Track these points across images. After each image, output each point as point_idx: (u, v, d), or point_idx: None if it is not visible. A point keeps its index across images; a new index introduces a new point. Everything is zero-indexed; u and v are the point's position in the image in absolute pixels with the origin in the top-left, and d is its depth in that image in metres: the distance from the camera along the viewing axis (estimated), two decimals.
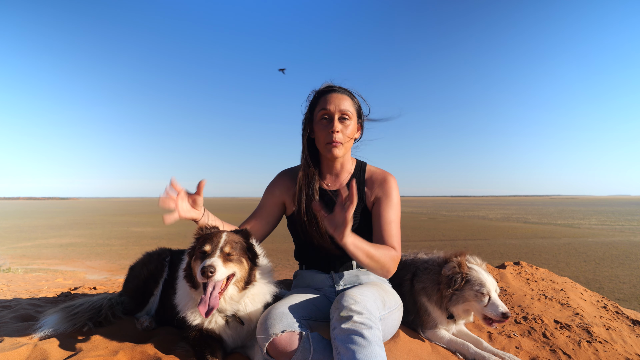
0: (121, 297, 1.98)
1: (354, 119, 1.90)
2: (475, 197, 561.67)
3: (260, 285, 1.66)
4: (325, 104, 1.86)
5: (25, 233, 26.97)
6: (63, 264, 14.75)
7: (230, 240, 1.54)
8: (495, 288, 1.88)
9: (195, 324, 1.57)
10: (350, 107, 1.88)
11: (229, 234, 1.58)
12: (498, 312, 1.79)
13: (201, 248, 1.50)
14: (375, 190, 1.92)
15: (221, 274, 1.42)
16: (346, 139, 1.87)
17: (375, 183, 1.94)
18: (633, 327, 2.62)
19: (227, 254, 1.49)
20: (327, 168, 1.99)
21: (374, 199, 1.92)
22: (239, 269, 1.53)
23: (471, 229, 27.73)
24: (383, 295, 1.69)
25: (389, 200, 1.88)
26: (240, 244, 1.59)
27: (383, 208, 1.86)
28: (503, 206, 79.47)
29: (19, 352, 1.46)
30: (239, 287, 1.55)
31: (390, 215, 1.84)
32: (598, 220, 35.71)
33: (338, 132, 1.83)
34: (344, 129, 1.85)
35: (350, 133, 1.88)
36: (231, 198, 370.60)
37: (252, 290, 1.61)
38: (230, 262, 1.49)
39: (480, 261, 2.07)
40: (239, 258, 1.54)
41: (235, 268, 1.51)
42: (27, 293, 5.32)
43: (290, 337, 1.38)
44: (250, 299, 1.63)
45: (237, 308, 1.58)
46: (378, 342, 1.34)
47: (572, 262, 14.25)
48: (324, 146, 1.86)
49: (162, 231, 27.91)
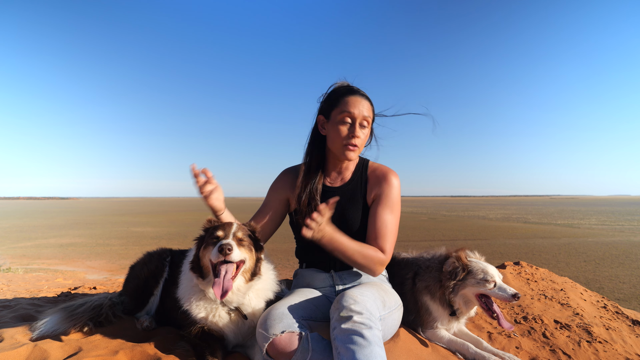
0: (121, 297, 1.98)
1: (370, 124, 1.93)
2: (475, 197, 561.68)
3: (265, 281, 1.69)
4: (348, 106, 1.82)
5: (25, 233, 26.97)
6: (63, 264, 14.75)
7: (243, 228, 1.63)
8: (499, 275, 1.88)
9: (200, 317, 1.57)
10: (370, 115, 1.90)
11: (239, 225, 1.65)
12: (508, 294, 1.80)
13: (213, 234, 1.55)
14: (375, 188, 1.91)
15: (237, 254, 1.47)
16: (362, 143, 1.90)
17: (377, 180, 1.92)
18: (633, 327, 2.62)
19: (240, 239, 1.56)
20: (333, 166, 1.99)
21: (373, 196, 1.90)
22: (249, 256, 1.58)
23: (471, 229, 27.72)
24: (383, 295, 1.69)
25: (388, 200, 1.86)
26: (250, 235, 1.65)
27: (380, 207, 1.84)
28: (503, 206, 79.46)
29: (19, 352, 1.46)
30: (245, 278, 1.59)
31: (385, 215, 1.83)
32: (598, 220, 35.70)
33: (359, 138, 1.84)
34: (362, 134, 1.87)
35: (366, 138, 1.91)
36: (231, 198, 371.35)
37: (257, 284, 1.64)
38: (243, 247, 1.55)
39: (479, 256, 2.08)
40: (249, 246, 1.60)
41: (246, 255, 1.57)
42: (27, 293, 5.32)
43: (289, 337, 1.38)
44: (255, 294, 1.65)
45: (242, 301, 1.60)
46: (378, 342, 1.34)
47: (572, 262, 14.25)
48: (340, 147, 1.85)
49: (162, 231, 27.92)
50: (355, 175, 1.97)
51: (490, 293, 1.84)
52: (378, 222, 1.81)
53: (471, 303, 1.93)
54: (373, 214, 1.85)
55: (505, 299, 1.80)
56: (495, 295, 1.83)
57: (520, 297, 1.95)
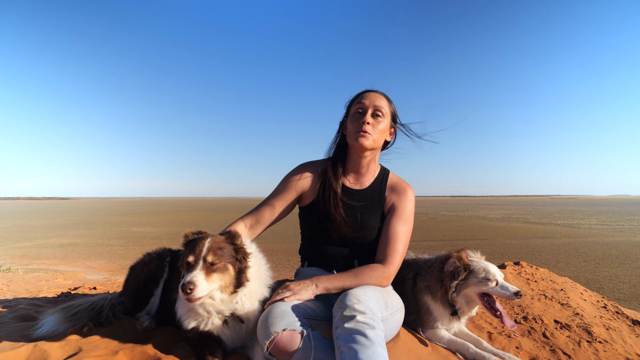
0: (121, 297, 1.98)
1: (388, 119, 1.95)
2: (475, 197, 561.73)
3: (256, 282, 1.65)
4: (361, 99, 1.94)
5: (25, 233, 26.97)
6: (63, 264, 14.75)
7: (214, 247, 1.48)
8: (501, 274, 1.89)
9: (190, 327, 1.56)
10: (385, 107, 1.93)
11: (212, 240, 1.51)
12: (510, 292, 1.81)
13: (185, 257, 1.47)
14: (392, 198, 1.95)
15: (201, 290, 1.38)
16: (376, 133, 1.90)
17: (394, 192, 1.97)
18: (633, 327, 2.62)
19: (211, 264, 1.45)
20: (352, 166, 2.01)
21: (390, 207, 1.94)
22: (223, 278, 1.49)
23: (471, 229, 27.73)
24: (385, 296, 1.69)
25: (402, 213, 1.90)
26: (227, 249, 1.53)
27: (395, 219, 1.88)
28: (503, 206, 79.48)
29: (19, 352, 1.46)
30: (227, 292, 1.52)
31: (398, 228, 1.86)
32: (598, 220, 35.71)
33: (369, 124, 1.88)
34: (375, 124, 1.90)
35: (381, 129, 1.92)
36: (231, 198, 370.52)
37: (247, 289, 1.59)
38: (214, 273, 1.45)
39: (480, 255, 2.08)
40: (224, 265, 1.49)
41: (219, 280, 1.48)
42: (27, 293, 5.33)
43: (291, 335, 1.38)
44: (248, 297, 1.62)
45: (233, 307, 1.57)
46: (380, 343, 1.34)
47: (572, 262, 14.25)
48: (353, 135, 1.90)
49: (162, 231, 27.92)
50: (375, 182, 2.00)
51: (492, 292, 1.84)
52: (391, 234, 1.84)
53: (473, 302, 1.93)
54: (387, 225, 1.88)
55: (507, 297, 1.81)
56: (498, 294, 1.83)
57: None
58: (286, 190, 2.01)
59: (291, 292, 1.57)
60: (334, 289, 1.65)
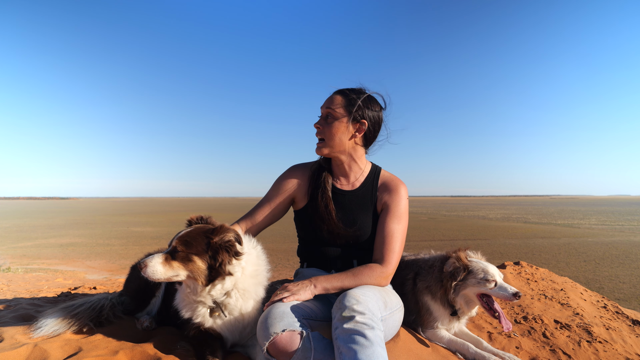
0: (121, 297, 1.98)
1: (343, 118, 1.87)
2: (475, 197, 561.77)
3: (249, 282, 1.63)
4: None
5: (25, 233, 26.97)
6: (63, 264, 14.75)
7: (184, 237, 1.51)
8: (500, 274, 1.89)
9: (187, 316, 1.61)
10: (338, 105, 1.88)
11: (190, 230, 1.55)
12: (509, 293, 1.80)
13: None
14: (385, 197, 1.93)
15: (152, 271, 1.44)
16: (329, 136, 1.88)
17: (386, 190, 1.95)
18: (633, 327, 2.62)
19: (176, 251, 1.49)
20: (336, 169, 2.02)
21: (382, 205, 1.93)
22: (187, 268, 1.49)
23: (471, 229, 27.73)
24: (385, 296, 1.69)
25: (396, 210, 1.88)
26: (198, 241, 1.51)
27: (389, 217, 1.87)
28: (503, 206, 79.47)
29: (19, 352, 1.46)
30: (199, 283, 1.52)
31: (393, 227, 1.85)
32: (598, 220, 35.71)
33: (319, 129, 1.91)
34: (326, 128, 1.89)
35: (333, 131, 1.87)
36: (231, 198, 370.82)
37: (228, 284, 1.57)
38: (174, 261, 1.48)
39: (480, 256, 2.08)
40: (187, 256, 1.48)
41: (182, 269, 1.48)
42: (27, 293, 5.33)
43: (291, 336, 1.38)
44: (241, 294, 1.62)
45: (215, 299, 1.56)
46: (380, 343, 1.34)
47: (572, 262, 14.26)
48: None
49: (162, 231, 27.93)
50: (367, 181, 1.99)
51: (491, 292, 1.84)
52: (386, 233, 1.83)
53: (473, 303, 1.93)
54: (381, 224, 1.87)
55: (506, 298, 1.81)
56: (497, 295, 1.83)
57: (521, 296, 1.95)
58: (278, 194, 2.01)
59: (290, 293, 1.57)
60: (332, 289, 1.65)
